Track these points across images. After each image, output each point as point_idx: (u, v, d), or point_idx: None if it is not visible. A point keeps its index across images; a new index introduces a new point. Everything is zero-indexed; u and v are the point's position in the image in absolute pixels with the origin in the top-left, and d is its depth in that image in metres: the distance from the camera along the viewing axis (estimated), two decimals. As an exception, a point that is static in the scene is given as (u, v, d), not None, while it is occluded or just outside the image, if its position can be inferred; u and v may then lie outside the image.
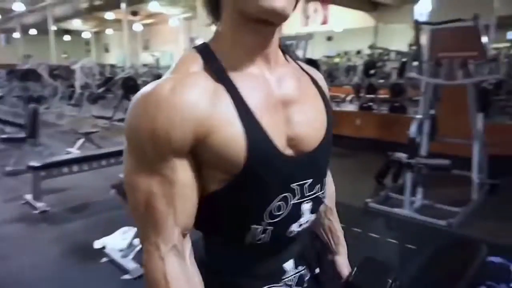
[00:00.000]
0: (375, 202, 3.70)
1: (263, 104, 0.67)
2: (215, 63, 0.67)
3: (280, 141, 0.67)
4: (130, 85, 7.59)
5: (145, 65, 15.07)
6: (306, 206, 0.72)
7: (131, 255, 2.60)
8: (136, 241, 2.63)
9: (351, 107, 9.02)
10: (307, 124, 0.71)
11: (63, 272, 2.58)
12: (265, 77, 0.70)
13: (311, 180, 0.72)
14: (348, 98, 10.04)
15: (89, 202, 3.80)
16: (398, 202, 3.66)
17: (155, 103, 0.61)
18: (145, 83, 7.26)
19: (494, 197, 4.04)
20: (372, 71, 8.35)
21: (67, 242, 2.98)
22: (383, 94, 8.41)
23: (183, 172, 0.63)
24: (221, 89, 0.65)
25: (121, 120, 8.47)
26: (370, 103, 8.05)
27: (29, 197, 3.73)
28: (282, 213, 0.69)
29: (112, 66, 16.86)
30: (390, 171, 4.19)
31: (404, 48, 9.75)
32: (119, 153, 4.12)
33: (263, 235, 0.69)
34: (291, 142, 0.69)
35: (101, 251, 2.77)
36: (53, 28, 18.64)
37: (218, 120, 0.62)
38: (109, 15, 18.80)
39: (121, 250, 2.65)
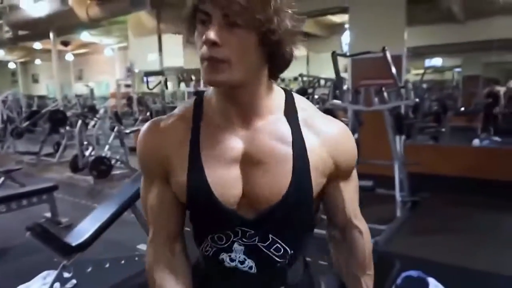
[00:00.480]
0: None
1: (220, 157, 0.74)
2: (198, 110, 0.78)
3: (224, 195, 0.74)
4: (58, 118, 7.23)
5: (78, 95, 14.49)
6: (238, 248, 0.79)
7: (52, 302, 2.43)
8: (57, 285, 2.47)
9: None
10: (259, 186, 0.74)
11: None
12: (235, 131, 0.75)
13: (253, 231, 0.77)
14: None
15: (7, 246, 3.50)
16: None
17: (140, 138, 0.80)
18: (76, 115, 7.01)
19: (415, 213, 4.34)
20: (304, 98, 8.71)
21: (-21, 293, 2.71)
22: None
23: (168, 193, 0.80)
24: (187, 139, 0.76)
25: (49, 155, 8.00)
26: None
27: None
28: (223, 243, 0.80)
29: (42, 97, 15.97)
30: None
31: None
32: (42, 191, 3.89)
33: (208, 250, 0.83)
34: (245, 196, 0.75)
35: (19, 300, 2.56)
36: (-26, 59, 17.38)
37: (174, 165, 0.77)
38: (37, 45, 17.95)
39: (40, 298, 2.46)
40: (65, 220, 4.01)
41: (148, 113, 11.75)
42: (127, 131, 6.84)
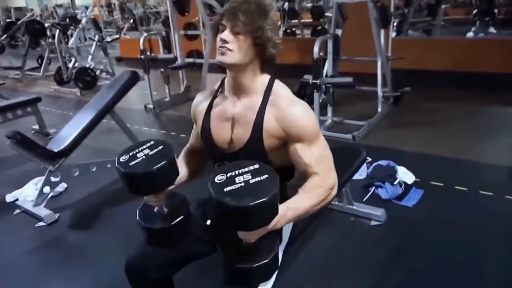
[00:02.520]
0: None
1: (219, 116, 1.22)
2: (220, 87, 1.27)
3: (219, 139, 1.21)
4: (36, 29, 6.88)
5: (58, 5, 13.64)
6: None
7: (43, 203, 2.59)
8: (47, 189, 2.61)
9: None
10: (235, 136, 1.18)
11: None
12: (232, 101, 1.20)
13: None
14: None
15: None
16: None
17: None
18: (52, 24, 6.68)
19: (396, 108, 4.41)
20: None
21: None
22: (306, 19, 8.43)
23: (196, 131, 1.36)
24: (208, 102, 1.27)
25: (34, 69, 7.83)
26: (293, 29, 8.06)
27: None
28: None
29: (19, 9, 15.05)
30: (305, 93, 4.37)
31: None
32: (26, 104, 3.90)
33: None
34: (231, 141, 1.19)
35: (14, 204, 2.73)
36: None
37: (198, 118, 1.29)
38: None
39: (33, 200, 2.63)
40: (53, 131, 4.08)
41: (131, 21, 11.23)
42: (109, 39, 6.59)
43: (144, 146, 1.10)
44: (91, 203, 2.75)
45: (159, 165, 1.01)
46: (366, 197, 2.52)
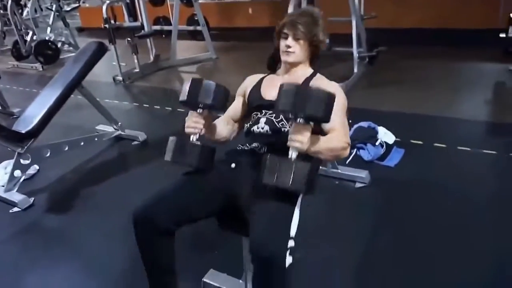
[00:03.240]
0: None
1: (270, 82, 1.51)
2: (273, 71, 1.60)
3: (266, 94, 1.47)
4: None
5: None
6: (263, 119, 1.44)
7: (15, 188, 2.46)
8: (17, 172, 2.47)
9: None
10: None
11: None
12: (283, 78, 1.47)
13: (271, 111, 1.45)
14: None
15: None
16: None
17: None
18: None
19: (372, 68, 4.39)
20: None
21: None
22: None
23: (237, 103, 1.58)
24: (259, 78, 1.57)
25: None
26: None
27: None
28: (255, 120, 1.46)
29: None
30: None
31: None
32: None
33: (247, 125, 1.49)
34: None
35: (-17, 191, 2.58)
36: None
37: (248, 87, 1.56)
38: None
39: (3, 186, 2.48)
40: (18, 110, 3.85)
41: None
42: (67, 8, 6.18)
43: None
44: (67, 184, 2.64)
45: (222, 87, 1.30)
46: (349, 159, 2.52)
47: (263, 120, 1.42)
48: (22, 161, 2.46)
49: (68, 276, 1.81)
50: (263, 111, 1.45)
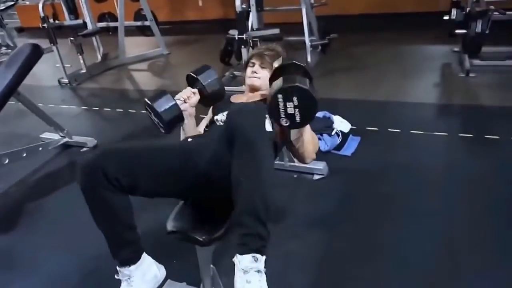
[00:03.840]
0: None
1: (237, 98, 1.69)
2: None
3: (236, 101, 1.65)
4: None
5: None
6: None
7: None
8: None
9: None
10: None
11: None
12: (246, 96, 1.69)
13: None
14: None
15: None
16: (243, 80, 3.74)
17: None
18: None
19: (325, 56, 4.41)
20: None
21: None
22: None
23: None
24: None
25: None
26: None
27: None
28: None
29: None
30: (232, 50, 4.18)
31: None
32: None
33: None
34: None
35: None
36: None
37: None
38: None
39: None
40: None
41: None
42: (2, 6, 5.76)
43: None
44: (10, 200, 2.44)
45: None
46: (307, 151, 2.50)
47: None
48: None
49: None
50: (225, 112, 1.48)
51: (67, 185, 2.50)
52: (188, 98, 1.42)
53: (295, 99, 1.12)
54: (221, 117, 1.51)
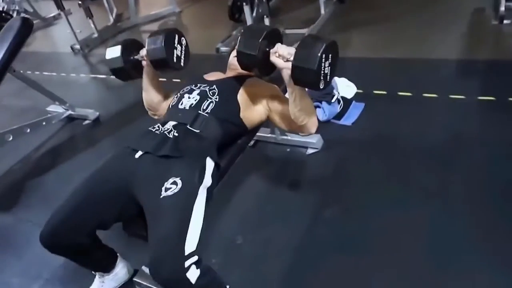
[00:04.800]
0: (225, 46, 3.54)
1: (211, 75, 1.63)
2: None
3: (208, 78, 1.57)
4: None
5: None
6: (196, 91, 1.47)
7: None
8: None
9: None
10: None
11: None
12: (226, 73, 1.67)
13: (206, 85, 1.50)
14: None
15: None
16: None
17: None
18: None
19: (340, 9, 4.02)
20: None
21: None
22: None
23: None
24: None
25: None
26: None
27: None
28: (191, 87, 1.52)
29: None
30: (242, 4, 3.91)
31: None
32: None
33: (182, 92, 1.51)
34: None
35: None
36: None
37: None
38: None
39: None
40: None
41: None
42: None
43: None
44: (14, 177, 2.50)
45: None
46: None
47: (196, 91, 1.45)
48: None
49: (5, 281, 1.74)
50: (198, 84, 1.49)
51: (68, 160, 2.52)
52: (142, 57, 1.51)
53: (330, 56, 1.12)
54: (187, 100, 1.43)
